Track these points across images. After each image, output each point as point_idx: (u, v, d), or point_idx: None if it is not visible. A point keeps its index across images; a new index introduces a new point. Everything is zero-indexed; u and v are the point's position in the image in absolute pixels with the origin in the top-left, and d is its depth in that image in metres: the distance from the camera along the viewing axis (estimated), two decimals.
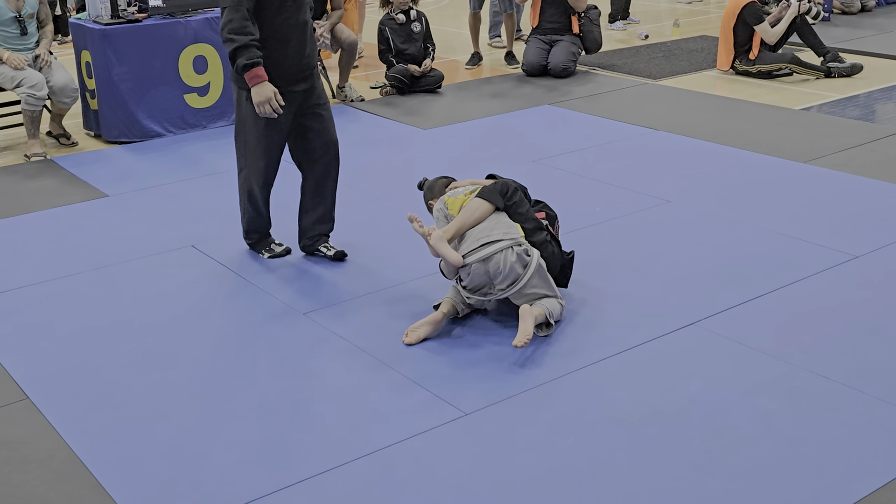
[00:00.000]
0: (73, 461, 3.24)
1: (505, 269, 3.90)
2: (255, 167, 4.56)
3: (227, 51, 4.27)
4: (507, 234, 3.97)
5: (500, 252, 3.92)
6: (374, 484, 3.07)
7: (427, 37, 8.12)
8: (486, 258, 3.92)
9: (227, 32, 4.22)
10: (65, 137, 6.91)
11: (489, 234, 3.97)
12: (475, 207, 4.06)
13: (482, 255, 3.92)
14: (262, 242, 4.82)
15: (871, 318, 4.02)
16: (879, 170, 5.76)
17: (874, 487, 2.97)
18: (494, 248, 3.92)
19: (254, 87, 4.26)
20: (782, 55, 8.24)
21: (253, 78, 4.25)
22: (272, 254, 4.78)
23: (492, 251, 3.91)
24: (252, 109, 4.37)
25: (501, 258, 3.91)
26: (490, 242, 3.94)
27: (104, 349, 3.97)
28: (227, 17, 4.22)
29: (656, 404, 3.45)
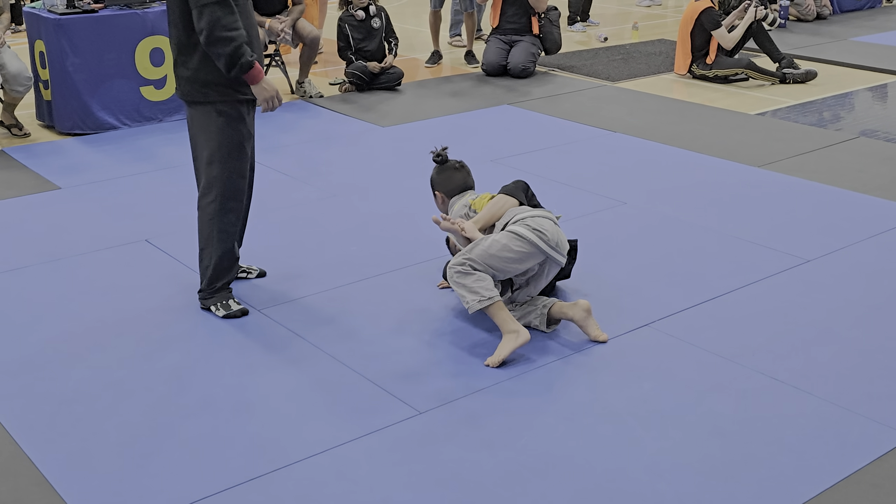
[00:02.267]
0: (20, 457, 3.18)
1: (557, 237, 3.94)
2: (235, 189, 4.08)
3: (223, 50, 3.78)
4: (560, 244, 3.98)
5: (551, 221, 3.97)
6: (326, 482, 3.05)
7: (389, 32, 8.11)
8: (540, 230, 3.90)
9: (219, 31, 3.75)
10: (17, 128, 6.80)
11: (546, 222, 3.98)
12: (502, 202, 4.08)
13: (535, 225, 3.91)
14: (222, 292, 4.19)
15: (820, 320, 4.07)
16: (832, 175, 5.84)
17: (822, 488, 3.00)
18: (547, 218, 3.98)
19: (258, 84, 3.91)
20: (739, 60, 8.33)
21: (257, 74, 3.89)
22: (228, 312, 4.13)
23: (545, 222, 3.95)
24: (226, 126, 3.98)
25: (555, 229, 3.96)
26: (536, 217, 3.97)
27: (53, 344, 3.91)
28: (216, 13, 3.76)
29: (609, 404, 3.47)
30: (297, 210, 5.36)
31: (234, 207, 4.10)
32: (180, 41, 3.96)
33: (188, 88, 3.99)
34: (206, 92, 3.96)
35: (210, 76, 3.94)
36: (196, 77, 3.95)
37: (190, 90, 3.99)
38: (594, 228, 5.06)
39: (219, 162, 4.03)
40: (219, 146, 4.01)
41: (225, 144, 4.01)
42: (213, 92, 3.96)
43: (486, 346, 3.87)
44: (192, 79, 3.96)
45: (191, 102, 4.02)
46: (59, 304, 4.26)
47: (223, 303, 4.15)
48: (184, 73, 3.98)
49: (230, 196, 4.07)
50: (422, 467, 3.12)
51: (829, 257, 4.68)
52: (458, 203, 4.28)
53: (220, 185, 4.05)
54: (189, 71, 3.96)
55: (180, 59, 3.98)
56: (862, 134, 6.77)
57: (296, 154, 6.37)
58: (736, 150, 6.37)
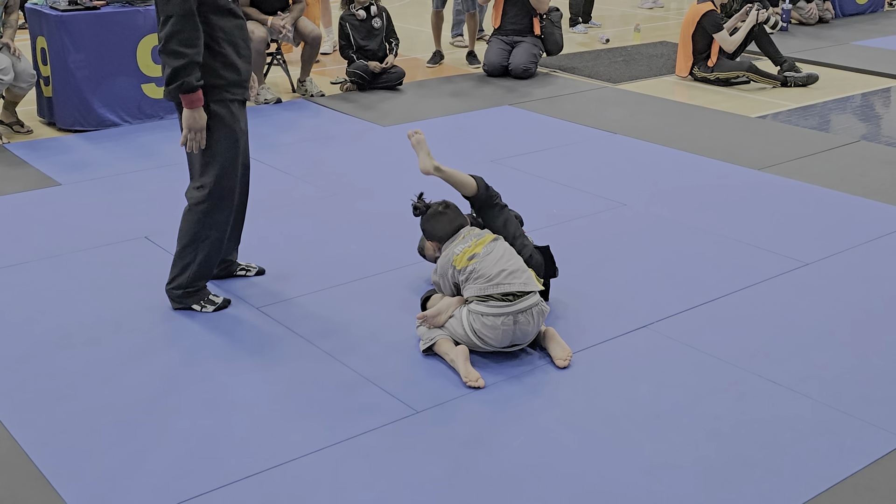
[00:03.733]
0: (17, 452, 3.18)
1: (530, 330, 3.75)
2: (226, 189, 4.03)
3: (172, 63, 3.72)
4: (527, 284, 3.74)
5: (528, 313, 3.71)
6: (322, 480, 3.05)
7: (390, 32, 8.11)
8: (516, 315, 3.68)
9: (174, 44, 3.70)
10: (18, 125, 6.80)
11: (510, 276, 3.73)
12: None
13: (514, 309, 3.68)
14: (202, 290, 4.17)
15: (819, 324, 4.07)
16: (832, 179, 5.84)
17: (819, 491, 3.01)
18: (523, 306, 3.70)
19: (193, 110, 3.80)
20: (740, 63, 8.33)
21: (196, 101, 3.80)
22: (216, 306, 4.14)
23: (521, 308, 3.69)
24: (216, 126, 3.92)
25: (532, 322, 3.73)
26: (515, 294, 3.70)
27: (51, 339, 3.92)
28: (176, 26, 3.69)
29: (606, 406, 3.47)
30: (296, 208, 5.36)
31: (225, 207, 4.07)
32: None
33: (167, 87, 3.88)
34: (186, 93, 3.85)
35: (207, 79, 3.87)
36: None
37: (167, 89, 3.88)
38: (594, 230, 5.06)
39: (210, 161, 3.98)
40: (209, 146, 3.95)
41: (215, 144, 3.95)
42: (206, 95, 3.88)
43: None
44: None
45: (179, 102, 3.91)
46: (58, 300, 4.26)
47: (206, 299, 4.14)
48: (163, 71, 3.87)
49: (221, 196, 4.03)
50: (417, 467, 3.12)
51: (829, 261, 4.68)
52: (450, 249, 3.97)
53: (211, 185, 4.00)
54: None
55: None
56: (863, 138, 6.77)
57: (296, 152, 6.37)
58: (736, 152, 6.37)
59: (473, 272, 3.78)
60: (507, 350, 3.78)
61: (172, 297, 4.14)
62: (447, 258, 3.92)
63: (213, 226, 4.06)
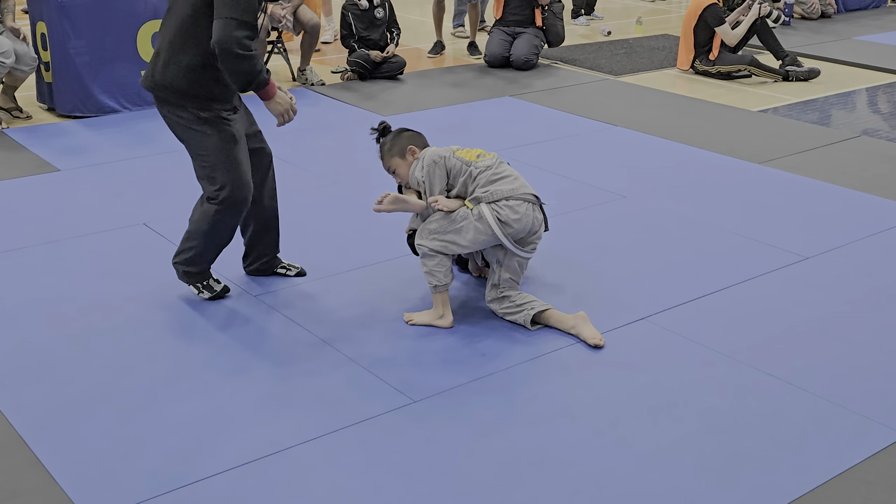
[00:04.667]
0: (13, 437, 3.18)
1: (528, 226, 3.93)
2: (239, 200, 3.90)
3: (240, 67, 3.62)
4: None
5: (528, 204, 3.93)
6: (319, 468, 3.05)
7: (392, 22, 8.09)
8: (535, 204, 3.96)
9: (240, 48, 3.57)
10: (17, 110, 6.78)
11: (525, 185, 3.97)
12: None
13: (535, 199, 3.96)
14: (204, 274, 4.11)
15: (818, 318, 4.07)
16: (833, 173, 5.84)
17: (816, 484, 3.00)
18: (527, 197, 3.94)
19: (272, 99, 3.79)
20: (742, 57, 8.31)
21: (271, 90, 3.77)
22: (213, 294, 4.12)
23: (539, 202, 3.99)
24: (215, 129, 3.83)
25: (540, 217, 3.99)
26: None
27: (49, 325, 3.91)
28: (245, 30, 3.59)
29: (604, 397, 3.47)
30: (295, 197, 5.35)
31: (236, 214, 3.94)
32: (178, 42, 3.76)
33: (165, 92, 3.82)
34: (184, 103, 3.82)
35: (193, 89, 3.78)
36: (178, 84, 3.78)
37: (166, 93, 3.82)
38: (593, 222, 5.05)
39: (213, 169, 3.85)
40: (207, 156, 3.84)
41: (214, 154, 3.84)
42: (190, 103, 3.81)
43: (483, 336, 3.87)
44: (173, 84, 3.78)
45: (164, 101, 3.84)
46: (56, 285, 4.25)
47: (206, 284, 4.10)
48: (167, 74, 3.78)
49: (233, 206, 3.90)
50: (415, 456, 3.12)
51: (828, 255, 4.68)
52: (434, 150, 3.98)
53: (224, 195, 3.87)
54: (173, 74, 3.77)
55: (172, 58, 3.77)
56: (864, 133, 6.76)
57: (296, 141, 6.35)
58: (737, 146, 6.36)
59: (491, 169, 3.91)
60: (522, 253, 3.93)
61: (177, 271, 4.12)
62: (441, 153, 3.92)
63: (220, 229, 3.96)
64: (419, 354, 3.74)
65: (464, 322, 3.97)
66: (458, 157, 3.95)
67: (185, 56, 3.77)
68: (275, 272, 4.36)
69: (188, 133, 3.88)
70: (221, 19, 3.59)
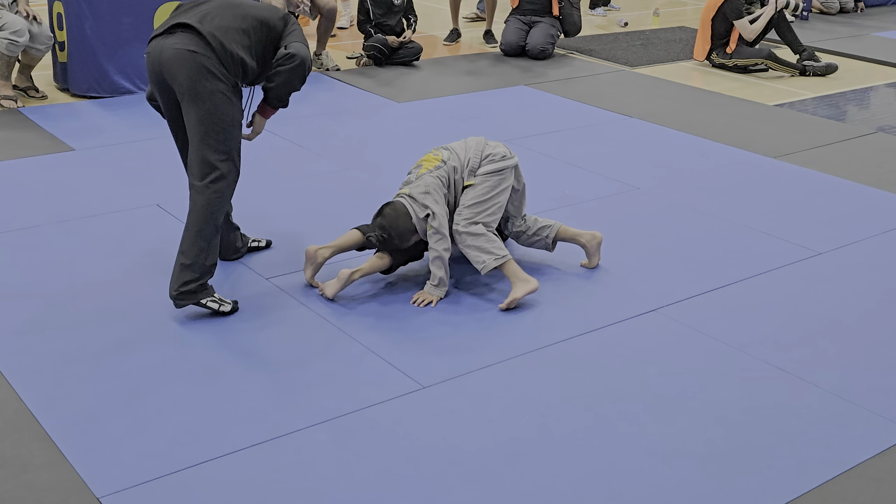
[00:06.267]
0: (24, 413, 3.20)
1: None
2: (237, 173, 3.89)
3: (298, 85, 3.87)
4: None
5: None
6: (328, 451, 3.06)
7: (409, 9, 8.08)
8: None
9: (308, 69, 3.87)
10: (33, 90, 6.80)
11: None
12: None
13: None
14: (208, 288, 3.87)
15: (829, 313, 4.05)
16: (848, 169, 5.81)
17: (824, 480, 3.00)
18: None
19: (268, 119, 4.06)
20: (759, 51, 8.27)
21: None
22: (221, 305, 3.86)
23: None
24: (231, 105, 3.79)
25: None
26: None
27: (61, 304, 3.92)
28: (310, 59, 3.89)
29: (614, 387, 3.46)
30: (309, 181, 5.36)
31: (232, 192, 3.91)
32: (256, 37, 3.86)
33: (224, 50, 3.76)
34: (237, 68, 3.81)
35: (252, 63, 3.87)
36: (242, 56, 3.81)
37: (224, 51, 3.76)
38: (606, 212, 5.04)
39: (229, 139, 3.80)
40: (224, 126, 3.77)
41: (230, 124, 3.79)
42: (237, 71, 3.82)
43: (493, 323, 3.87)
44: (237, 53, 3.79)
45: (213, 55, 3.74)
46: (68, 264, 4.27)
47: (214, 297, 3.86)
48: (234, 46, 3.77)
49: (234, 180, 3.87)
50: (423, 442, 3.12)
51: (841, 251, 4.66)
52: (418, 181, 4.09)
53: (228, 167, 3.82)
54: (242, 52, 3.81)
55: (242, 39, 3.80)
56: (880, 129, 6.72)
57: (310, 126, 6.35)
58: (752, 140, 6.33)
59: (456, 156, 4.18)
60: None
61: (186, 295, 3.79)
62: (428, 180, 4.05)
63: (221, 212, 3.85)
64: (429, 340, 3.74)
65: (473, 310, 3.97)
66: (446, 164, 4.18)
67: (249, 41, 3.86)
68: (250, 249, 4.40)
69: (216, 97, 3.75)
70: (301, 43, 3.88)
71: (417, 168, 4.17)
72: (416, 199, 4.01)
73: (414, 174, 4.15)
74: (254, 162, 5.64)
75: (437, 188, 4.05)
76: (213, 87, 3.74)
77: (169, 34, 3.81)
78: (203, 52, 3.73)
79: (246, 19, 3.87)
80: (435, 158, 4.16)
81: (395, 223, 3.96)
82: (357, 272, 3.95)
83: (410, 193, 4.02)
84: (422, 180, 4.06)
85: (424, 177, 4.08)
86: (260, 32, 3.88)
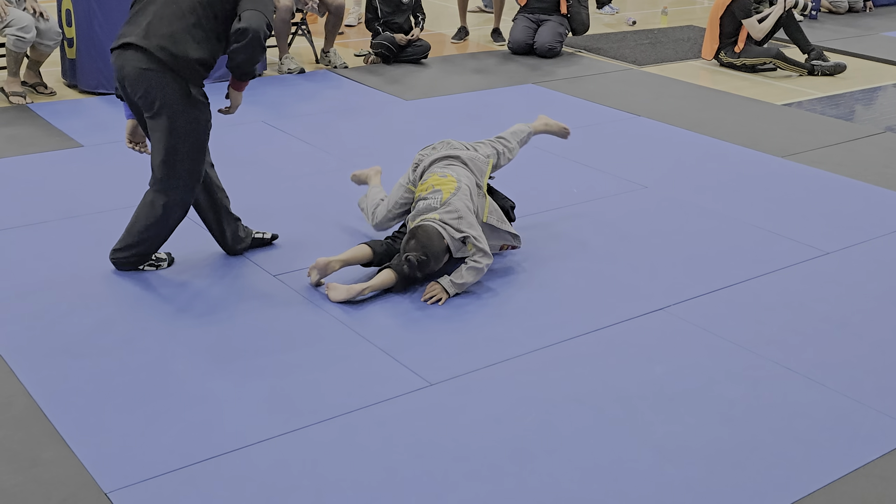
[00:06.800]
0: (32, 407, 3.21)
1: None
2: (201, 174, 4.07)
3: (256, 56, 3.83)
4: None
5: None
6: (334, 448, 3.06)
7: (417, 6, 8.08)
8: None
9: (265, 39, 3.82)
10: (42, 86, 6.81)
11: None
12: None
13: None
14: (147, 255, 4.19)
15: (837, 313, 4.05)
16: (856, 169, 5.80)
17: (830, 479, 2.99)
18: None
19: (242, 91, 4.05)
20: (767, 50, 8.26)
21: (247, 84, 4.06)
22: (168, 262, 4.23)
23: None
24: (199, 113, 3.95)
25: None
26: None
27: (69, 298, 3.93)
28: (268, 20, 3.83)
29: (620, 386, 3.46)
30: (315, 178, 5.36)
31: (195, 191, 4.07)
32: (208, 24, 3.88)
33: (169, 57, 3.83)
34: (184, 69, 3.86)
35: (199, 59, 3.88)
36: (186, 52, 3.85)
37: (169, 57, 3.83)
38: (614, 211, 5.04)
39: (190, 146, 3.95)
40: (190, 130, 3.93)
41: (198, 129, 3.95)
42: (189, 72, 3.88)
43: (499, 321, 3.87)
44: (179, 51, 3.84)
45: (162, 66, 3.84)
46: (76, 260, 4.28)
47: (154, 258, 4.18)
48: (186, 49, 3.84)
49: (196, 180, 4.03)
50: (430, 439, 3.13)
51: (849, 251, 4.65)
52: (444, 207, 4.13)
53: (188, 168, 3.98)
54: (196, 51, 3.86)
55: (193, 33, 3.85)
56: (888, 129, 6.71)
57: (317, 123, 6.36)
58: (760, 139, 6.32)
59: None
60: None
61: (123, 260, 4.15)
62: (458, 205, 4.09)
63: (173, 223, 4.10)
64: (436, 338, 3.74)
65: (480, 309, 3.98)
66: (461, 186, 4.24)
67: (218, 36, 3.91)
68: (252, 245, 4.41)
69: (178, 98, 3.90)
70: (254, 11, 3.79)
71: (435, 193, 4.15)
72: (448, 224, 4.03)
73: (434, 199, 4.12)
74: (261, 159, 5.66)
75: (467, 212, 4.09)
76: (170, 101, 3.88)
77: (124, 49, 3.90)
78: (156, 69, 3.84)
79: (193, 11, 3.85)
80: (449, 181, 4.19)
81: (429, 244, 3.98)
82: (368, 288, 3.99)
83: (442, 219, 4.04)
84: (451, 206, 4.08)
85: (452, 202, 4.09)
86: (210, 16, 3.88)
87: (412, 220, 4.13)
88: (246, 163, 5.54)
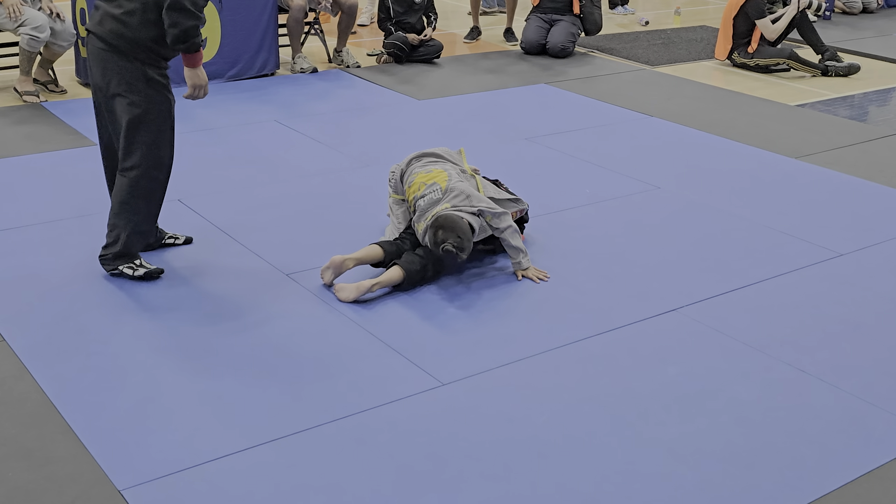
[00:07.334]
0: (46, 405, 3.22)
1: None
2: (161, 158, 4.04)
3: (184, 25, 3.79)
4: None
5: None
6: (346, 447, 3.07)
7: (429, 6, 8.08)
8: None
9: (198, 8, 3.80)
10: (53, 84, 6.83)
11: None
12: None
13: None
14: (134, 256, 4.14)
15: (851, 315, 4.03)
16: (869, 170, 5.78)
17: (844, 481, 2.98)
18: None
19: (196, 68, 3.98)
20: (781, 50, 8.23)
21: (199, 59, 3.97)
22: (147, 270, 4.10)
23: None
24: (155, 93, 3.96)
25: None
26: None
27: (84, 297, 3.95)
28: None
29: (633, 387, 3.46)
30: (328, 177, 5.37)
31: (158, 177, 4.06)
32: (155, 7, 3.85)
33: (120, 40, 3.87)
34: (136, 50, 3.89)
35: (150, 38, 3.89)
36: (135, 33, 3.86)
37: (120, 41, 3.87)
38: (627, 211, 5.03)
39: (146, 128, 3.96)
40: (146, 112, 3.94)
41: (153, 111, 3.96)
42: (143, 53, 3.91)
43: (512, 321, 3.87)
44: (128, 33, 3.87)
45: (116, 50, 3.89)
46: (90, 258, 4.28)
47: (136, 262, 4.10)
48: (124, 22, 3.86)
49: (154, 165, 4.01)
50: (442, 439, 3.13)
51: (863, 252, 4.63)
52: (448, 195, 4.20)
53: (144, 152, 3.98)
54: (130, 24, 3.86)
55: (142, 17, 3.85)
56: None
57: (330, 122, 6.37)
58: (773, 140, 6.30)
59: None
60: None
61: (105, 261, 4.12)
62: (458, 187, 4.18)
63: (144, 196, 4.04)
64: (449, 338, 3.74)
65: (492, 309, 3.97)
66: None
67: (152, 14, 3.87)
68: (163, 244, 4.40)
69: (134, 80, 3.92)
70: None
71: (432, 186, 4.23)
72: (460, 208, 4.10)
73: (433, 192, 4.19)
74: (273, 157, 5.67)
75: (471, 190, 4.21)
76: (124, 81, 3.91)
77: (87, 36, 4.01)
78: (110, 51, 3.90)
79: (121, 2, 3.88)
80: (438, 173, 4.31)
81: (457, 227, 4.00)
82: (376, 284, 4.00)
83: (453, 205, 4.10)
84: (453, 191, 4.17)
85: (452, 187, 4.19)
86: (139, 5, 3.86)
87: (419, 220, 4.14)
88: (258, 161, 5.55)
